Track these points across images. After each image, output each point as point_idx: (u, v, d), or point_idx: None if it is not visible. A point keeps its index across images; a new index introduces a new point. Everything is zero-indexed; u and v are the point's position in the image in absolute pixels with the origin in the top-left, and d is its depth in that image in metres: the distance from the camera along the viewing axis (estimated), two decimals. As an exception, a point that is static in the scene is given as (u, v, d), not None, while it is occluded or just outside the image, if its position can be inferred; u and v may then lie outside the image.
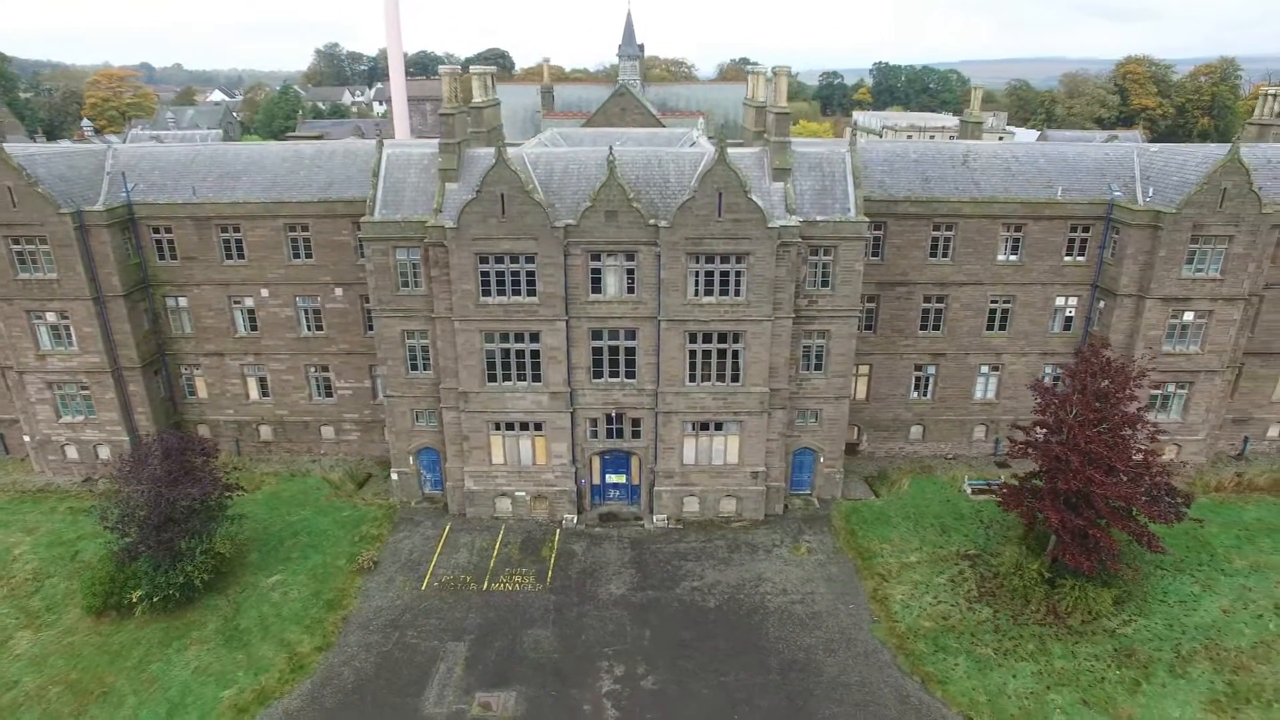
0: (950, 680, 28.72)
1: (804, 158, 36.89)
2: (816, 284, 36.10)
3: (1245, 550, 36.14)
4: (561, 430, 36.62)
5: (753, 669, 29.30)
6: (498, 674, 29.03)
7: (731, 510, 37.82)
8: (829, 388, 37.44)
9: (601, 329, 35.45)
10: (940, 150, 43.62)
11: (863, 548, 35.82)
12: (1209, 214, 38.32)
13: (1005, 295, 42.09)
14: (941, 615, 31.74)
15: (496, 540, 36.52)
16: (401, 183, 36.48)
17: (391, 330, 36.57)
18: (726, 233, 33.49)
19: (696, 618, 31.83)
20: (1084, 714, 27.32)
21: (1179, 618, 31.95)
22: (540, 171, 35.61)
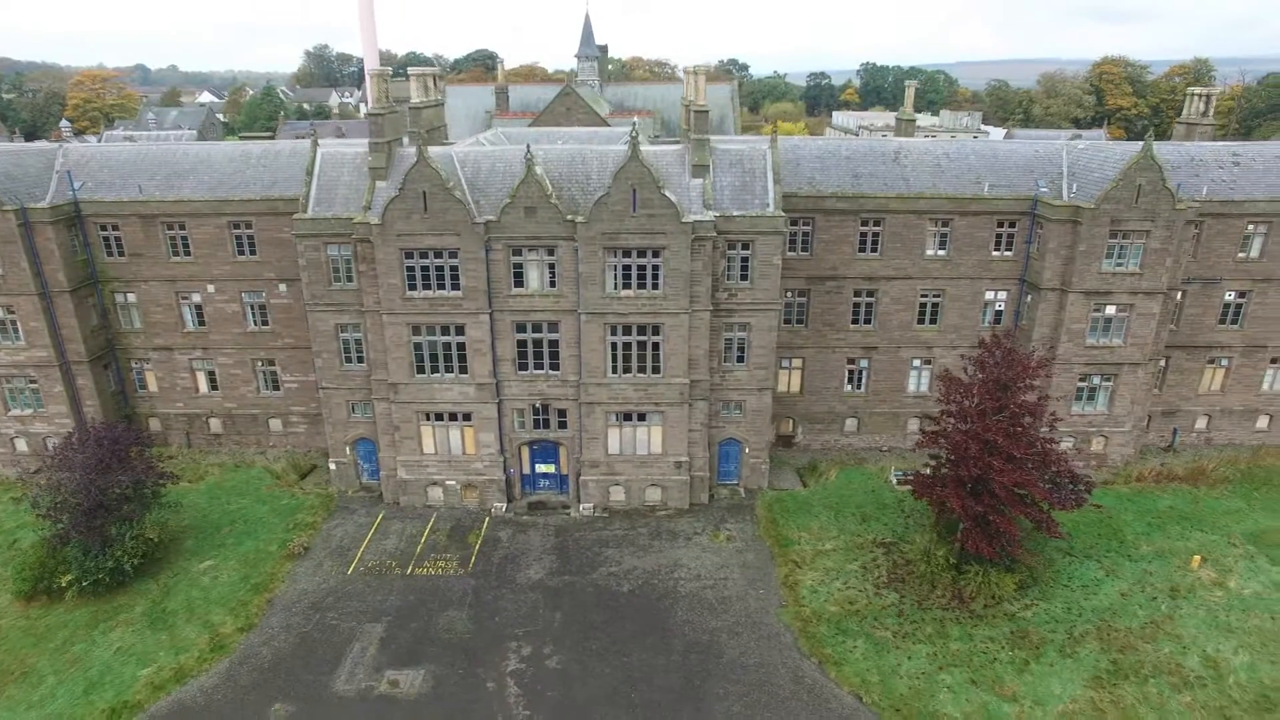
0: (847, 661, 29.62)
1: (726, 155, 37.83)
2: (736, 278, 37.07)
3: (1154, 537, 36.92)
4: (489, 421, 37.70)
5: (656, 650, 30.28)
6: (410, 653, 30.10)
7: (657, 499, 38.82)
8: (751, 379, 38.37)
9: (525, 322, 36.50)
10: (873, 148, 44.50)
11: (781, 536, 36.75)
12: (1126, 209, 39.08)
13: (935, 289, 42.94)
14: (848, 600, 32.65)
15: (426, 527, 37.63)
16: (335, 181, 37.61)
17: (325, 324, 37.73)
18: (642, 228, 34.49)
19: (609, 601, 32.83)
20: (970, 692, 28.20)
21: (1078, 601, 32.80)
22: (468, 169, 36.69)
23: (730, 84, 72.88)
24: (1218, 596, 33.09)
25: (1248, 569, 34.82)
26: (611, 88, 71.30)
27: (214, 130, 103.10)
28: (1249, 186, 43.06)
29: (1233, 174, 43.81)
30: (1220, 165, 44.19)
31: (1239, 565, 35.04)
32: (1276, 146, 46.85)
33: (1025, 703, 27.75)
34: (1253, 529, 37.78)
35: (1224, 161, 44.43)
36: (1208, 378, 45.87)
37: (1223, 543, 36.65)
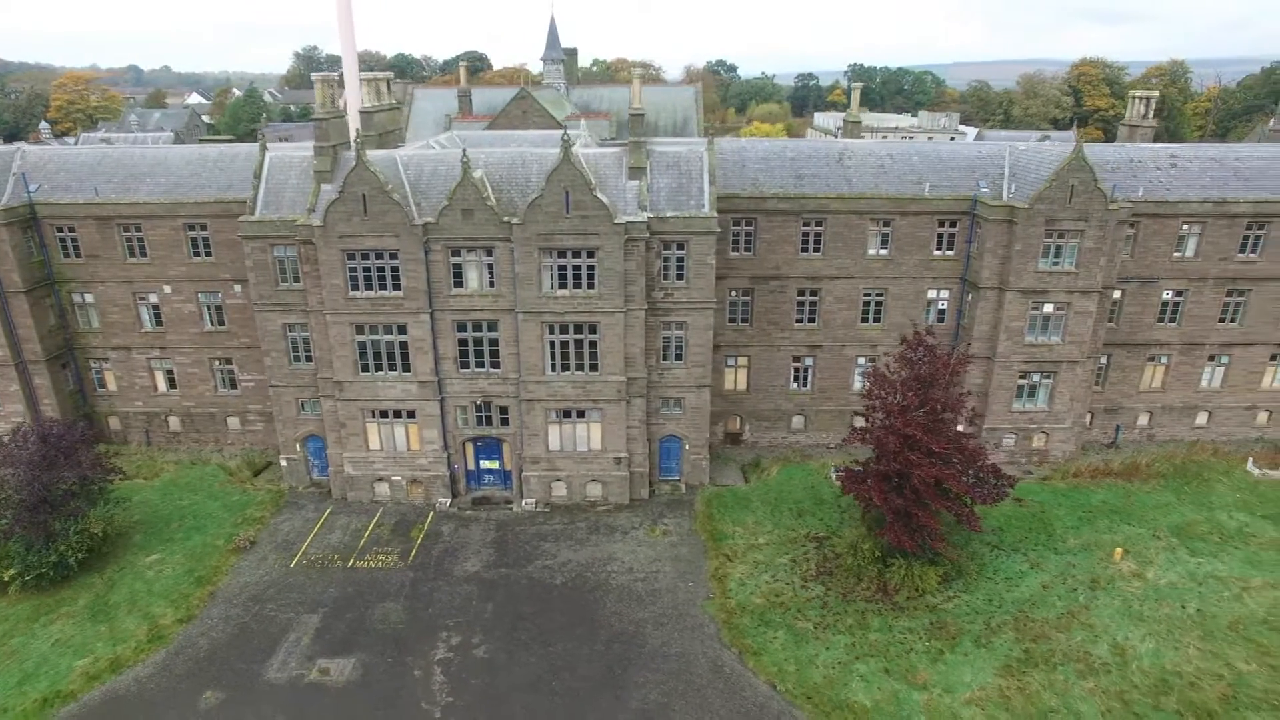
0: (766, 651, 30.44)
1: (663, 157, 38.67)
2: (672, 277, 37.88)
3: (1082, 530, 37.71)
4: (432, 417, 38.57)
5: (582, 640, 31.13)
6: (343, 643, 30.96)
7: (598, 494, 39.66)
8: (689, 377, 39.19)
9: (465, 321, 37.38)
10: (817, 149, 45.32)
11: (717, 530, 37.58)
12: (1059, 209, 39.86)
13: (877, 288, 43.73)
14: (774, 593, 33.47)
15: (371, 522, 38.50)
16: (283, 184, 38.51)
17: (273, 323, 38.60)
18: (575, 228, 35.33)
19: (541, 593, 33.69)
20: (883, 681, 29.01)
21: (1000, 593, 33.60)
22: (410, 173, 37.55)
23: (695, 87, 73.79)
24: (1135, 587, 33.89)
25: (1168, 560, 35.61)
26: (578, 90, 72.22)
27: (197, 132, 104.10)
28: (1184, 188, 43.83)
29: (1169, 175, 44.57)
30: (1158, 167, 44.96)
31: (1160, 557, 35.84)
32: (1213, 149, 47.63)
33: (935, 690, 28.57)
34: (1178, 522, 38.57)
35: (1162, 163, 45.19)
36: (1148, 375, 46.63)
37: (1148, 535, 37.45)
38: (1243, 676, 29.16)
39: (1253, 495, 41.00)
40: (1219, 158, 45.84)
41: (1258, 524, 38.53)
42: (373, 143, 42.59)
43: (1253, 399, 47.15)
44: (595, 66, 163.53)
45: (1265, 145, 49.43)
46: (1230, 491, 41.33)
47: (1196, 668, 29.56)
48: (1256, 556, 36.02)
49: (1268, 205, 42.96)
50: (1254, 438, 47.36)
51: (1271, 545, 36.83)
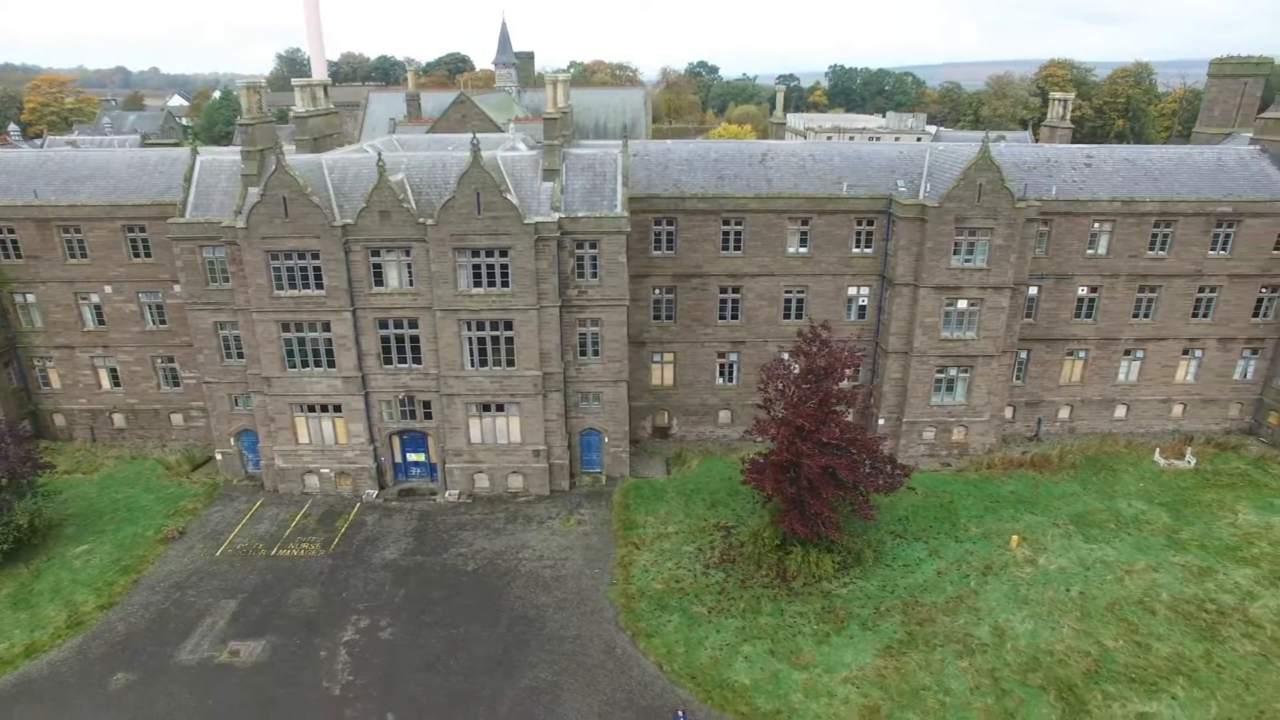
0: (659, 634, 31.70)
1: (579, 159, 39.96)
2: (587, 275, 39.14)
3: (985, 520, 38.97)
4: (358, 412, 39.87)
5: (484, 623, 32.44)
6: (257, 626, 32.26)
7: (519, 486, 40.96)
8: (606, 372, 40.47)
9: (387, 319, 38.70)
10: (741, 149, 46.63)
11: (629, 520, 38.86)
12: (968, 208, 41.09)
13: (798, 286, 44.99)
14: (675, 579, 34.74)
15: (299, 513, 39.81)
16: (212, 187, 39.84)
17: (204, 322, 39.93)
18: (487, 229, 36.63)
19: (451, 579, 35.00)
20: (766, 661, 30.28)
21: (895, 579, 34.86)
22: (335, 176, 38.87)
23: (642, 90, 75.04)
24: (1026, 572, 35.16)
25: (1062, 547, 36.87)
26: (531, 93, 73.54)
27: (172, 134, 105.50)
28: (1096, 187, 45.10)
29: (1084, 175, 45.85)
30: (1074, 166, 46.23)
31: (1055, 544, 37.11)
32: (1127, 150, 48.92)
33: (815, 670, 29.84)
34: (1080, 510, 39.84)
35: (1077, 163, 46.48)
36: (1067, 369, 47.88)
37: (1048, 524, 38.72)
38: (1109, 653, 30.49)
39: (1155, 485, 42.27)
40: (1132, 158, 47.12)
41: (1153, 511, 39.82)
42: (307, 147, 44.04)
43: (1168, 392, 48.41)
44: (572, 69, 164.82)
45: (1175, 146, 50.73)
46: (1135, 481, 42.61)
47: (1068, 646, 30.88)
48: (1145, 541, 37.31)
49: (1173, 204, 44.24)
50: (1170, 429, 48.71)
51: (1162, 531, 38.13)
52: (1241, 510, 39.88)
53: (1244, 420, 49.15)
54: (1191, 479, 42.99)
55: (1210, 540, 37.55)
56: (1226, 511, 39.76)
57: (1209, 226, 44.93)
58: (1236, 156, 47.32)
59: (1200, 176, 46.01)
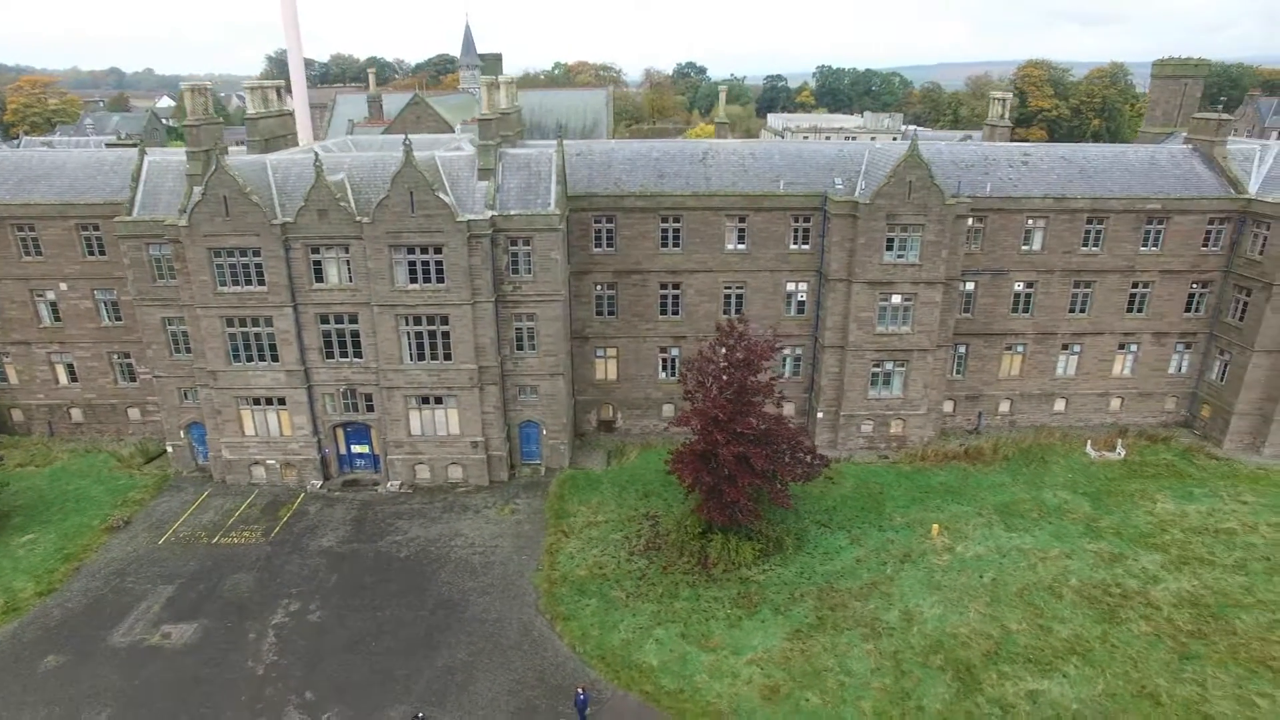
0: (576, 618, 32.73)
1: (515, 159, 41.02)
2: (521, 271, 40.20)
3: (911, 510, 39.93)
4: (301, 404, 40.97)
5: (410, 606, 33.50)
6: (191, 610, 33.34)
7: (459, 477, 42.03)
8: (542, 366, 41.51)
9: (328, 314, 39.80)
10: (683, 149, 47.68)
11: (562, 509, 39.90)
12: (899, 204, 42.07)
13: (737, 282, 45.98)
14: (599, 565, 35.77)
15: (244, 503, 40.91)
16: (159, 186, 41.00)
17: (153, 317, 41.08)
18: (421, 227, 37.72)
19: (383, 565, 36.07)
20: (676, 644, 31.26)
21: (814, 566, 35.84)
22: (278, 176, 39.98)
23: (605, 90, 76.14)
24: (944, 560, 36.12)
25: (983, 535, 37.83)
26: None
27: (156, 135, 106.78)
28: (1030, 184, 46.01)
29: (1020, 172, 46.77)
30: (1010, 164, 47.16)
31: (976, 532, 38.06)
32: (1064, 148, 49.82)
33: (723, 652, 30.83)
34: (1005, 500, 40.79)
35: (1014, 161, 47.41)
36: (1006, 364, 48.78)
37: (972, 513, 39.68)
38: (1011, 635, 31.45)
39: (1083, 476, 43.20)
40: (1068, 156, 48.05)
41: (1076, 501, 40.76)
42: (258, 147, 45.13)
43: (1105, 386, 49.31)
44: (557, 69, 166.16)
45: (1111, 145, 51.61)
46: (1064, 473, 43.54)
47: (973, 629, 31.84)
48: (1064, 530, 38.25)
49: (1104, 202, 45.16)
50: (1108, 423, 49.59)
51: (1081, 520, 39.07)
52: (1161, 499, 40.82)
53: (1180, 413, 50.02)
54: (1119, 470, 43.93)
55: (1126, 528, 38.49)
56: (1147, 500, 40.71)
57: (1139, 223, 45.85)
58: (1169, 155, 48.22)
59: (1133, 175, 46.92)
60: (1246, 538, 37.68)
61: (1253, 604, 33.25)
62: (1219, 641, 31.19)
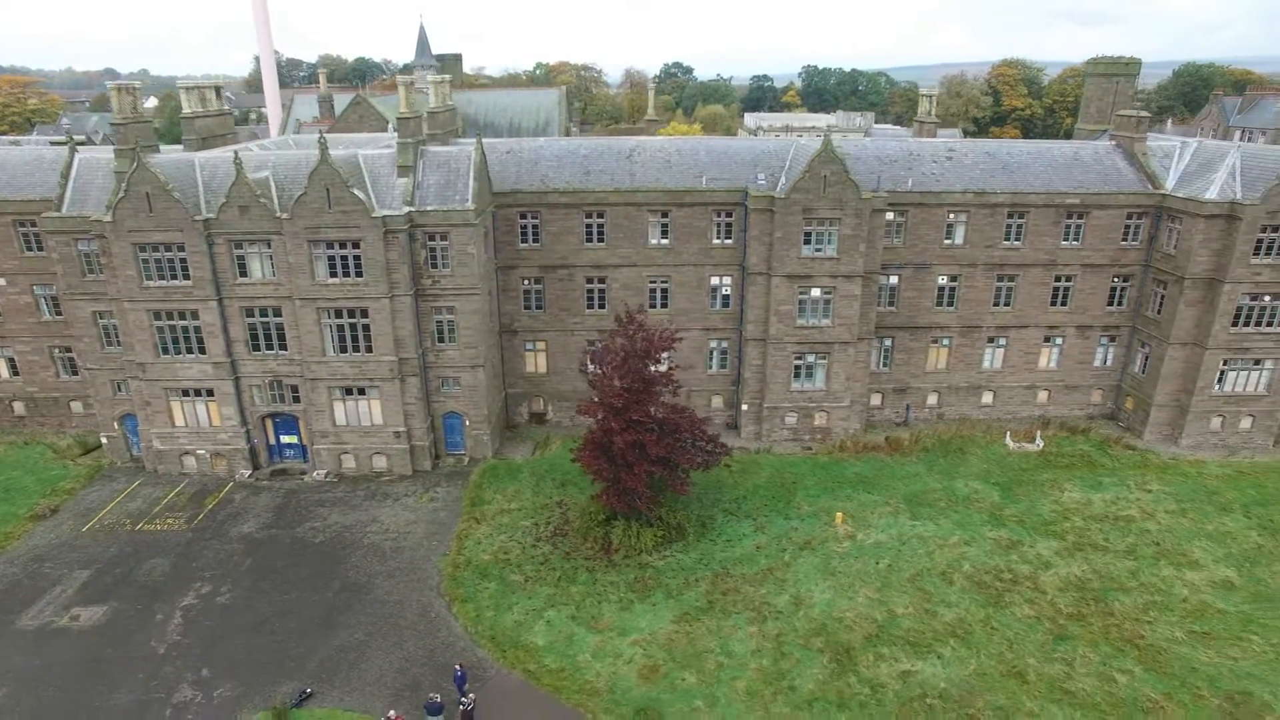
0: (473, 600, 33.68)
1: (435, 156, 41.97)
2: (440, 266, 41.16)
3: (821, 499, 40.71)
4: (229, 396, 42.02)
5: (316, 589, 34.50)
6: (103, 593, 34.34)
7: (384, 466, 43.02)
8: (463, 358, 42.47)
9: (253, 307, 40.83)
10: (610, 146, 48.55)
11: (479, 497, 40.86)
12: (815, 199, 42.87)
13: (661, 276, 46.83)
14: (504, 550, 36.70)
15: (172, 491, 41.98)
16: (89, 183, 42.09)
17: (83, 311, 42.19)
18: (338, 222, 38.72)
19: (298, 550, 37.08)
20: (566, 625, 32.17)
21: (715, 553, 36.68)
22: (206, 173, 41.01)
23: (559, 90, 77.11)
24: (843, 547, 36.91)
25: (887, 524, 38.57)
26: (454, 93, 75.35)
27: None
28: (952, 179, 46.74)
29: (943, 168, 47.52)
30: (935, 160, 47.91)
31: (881, 521, 38.83)
32: (990, 144, 50.58)
33: (610, 634, 31.71)
34: (917, 490, 41.54)
35: (939, 156, 48.15)
36: (933, 356, 49.53)
37: (880, 502, 40.45)
38: (895, 619, 32.24)
39: (998, 467, 43.91)
40: (992, 152, 48.78)
41: (987, 490, 41.49)
42: (194, 145, 46.23)
43: (1032, 379, 49.98)
44: (539, 70, 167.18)
45: (1037, 141, 52.23)
46: (979, 464, 44.27)
47: (858, 613, 32.63)
48: (968, 519, 38.99)
49: (1023, 196, 45.85)
50: (1036, 415, 50.25)
51: (987, 509, 39.80)
52: (1069, 488, 41.52)
53: (1106, 406, 50.67)
54: (1035, 461, 44.62)
55: (1030, 516, 39.21)
56: (1054, 490, 41.43)
57: (1059, 217, 46.54)
58: (1092, 151, 48.89)
59: (1055, 170, 47.60)
60: (1143, 524, 38.40)
61: (1135, 587, 34.03)
62: (1095, 623, 31.99)
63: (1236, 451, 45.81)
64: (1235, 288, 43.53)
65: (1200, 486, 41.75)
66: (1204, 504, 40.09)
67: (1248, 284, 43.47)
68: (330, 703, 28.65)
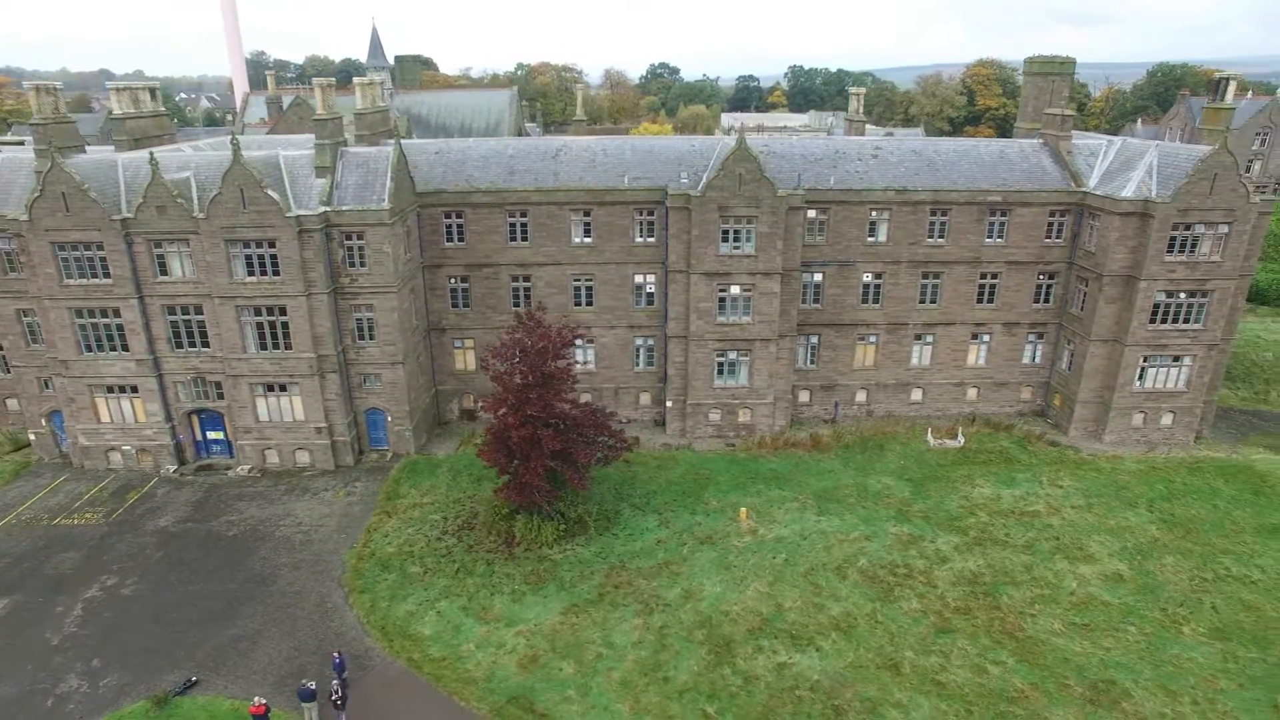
0: (371, 591, 34.25)
1: (354, 156, 42.60)
2: (358, 264, 41.77)
3: (731, 495, 41.12)
4: (153, 392, 42.73)
5: (222, 580, 35.13)
6: (8, 587, 34.71)
7: (307, 461, 43.68)
8: (383, 355, 43.08)
9: (174, 305, 41.55)
10: (537, 146, 49.08)
11: (395, 492, 41.46)
12: (730, 197, 43.28)
13: (585, 274, 47.31)
14: (409, 543, 37.26)
15: (96, 487, 42.70)
16: (12, 182, 42.84)
17: (7, 309, 42.96)
18: (253, 222, 39.38)
19: (210, 543, 37.74)
20: (455, 615, 32.71)
21: (615, 546, 37.15)
22: (129, 173, 41.71)
23: (510, 91, 77.69)
24: (743, 542, 37.32)
25: (792, 519, 38.94)
26: (402, 96, 76.36)
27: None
28: (875, 177, 47.06)
29: (868, 165, 47.84)
30: (859, 158, 48.25)
31: (787, 516, 39.21)
32: (917, 142, 50.91)
33: (498, 624, 32.23)
34: (829, 486, 41.90)
35: (864, 155, 48.48)
36: (860, 354, 49.83)
37: (790, 498, 40.84)
38: (782, 612, 32.63)
39: (915, 463, 44.23)
40: (919, 150, 49.07)
41: (899, 486, 41.82)
42: (125, 146, 46.97)
43: (960, 376, 50.25)
44: (519, 70, 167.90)
45: (965, 139, 52.45)
46: (897, 460, 44.60)
47: (746, 607, 33.03)
48: (874, 514, 39.34)
49: (945, 194, 46.16)
50: (966, 412, 50.51)
51: (895, 505, 40.16)
52: (981, 484, 41.82)
53: (1036, 403, 50.91)
54: (954, 457, 44.90)
55: (936, 512, 39.54)
56: (966, 486, 41.74)
57: (982, 215, 46.80)
58: (1019, 149, 49.13)
59: (980, 168, 47.86)
60: (1047, 520, 38.69)
61: (1026, 581, 34.35)
62: (980, 616, 32.34)
63: (1156, 447, 46.02)
64: (1151, 285, 43.78)
65: (1111, 482, 42.01)
66: (1111, 499, 40.37)
67: (1163, 281, 43.71)
68: (214, 690, 29.25)
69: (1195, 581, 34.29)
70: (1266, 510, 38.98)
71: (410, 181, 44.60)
